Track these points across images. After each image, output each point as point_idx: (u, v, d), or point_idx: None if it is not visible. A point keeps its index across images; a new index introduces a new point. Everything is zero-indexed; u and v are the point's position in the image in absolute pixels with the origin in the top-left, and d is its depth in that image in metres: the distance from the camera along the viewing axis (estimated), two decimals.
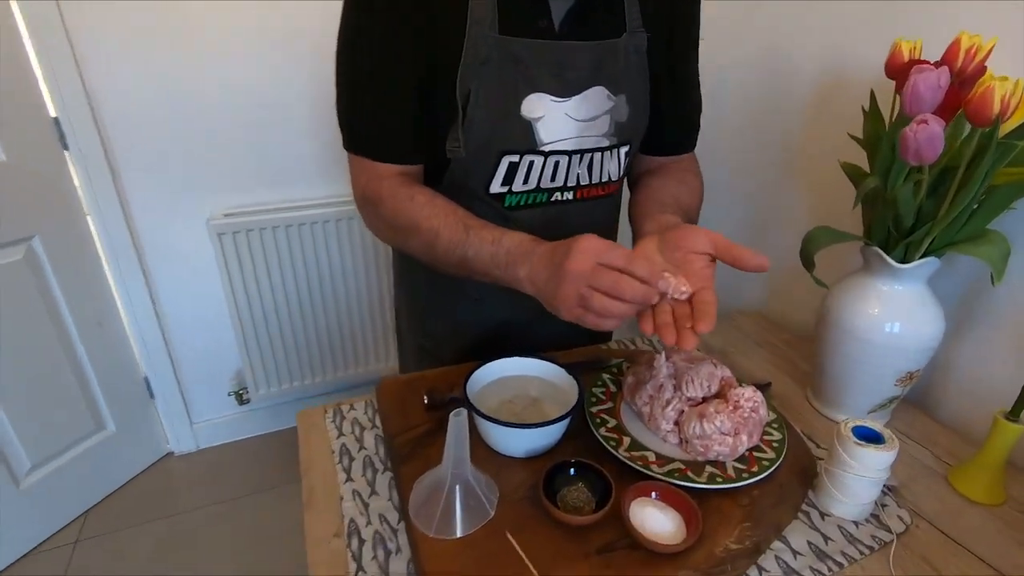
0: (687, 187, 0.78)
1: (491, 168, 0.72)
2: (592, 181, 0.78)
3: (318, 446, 0.73)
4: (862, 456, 0.59)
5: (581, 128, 0.73)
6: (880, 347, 0.70)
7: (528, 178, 0.74)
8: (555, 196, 0.77)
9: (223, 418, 1.84)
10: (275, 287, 1.63)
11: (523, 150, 0.71)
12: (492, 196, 0.75)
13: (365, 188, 0.72)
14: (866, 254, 0.72)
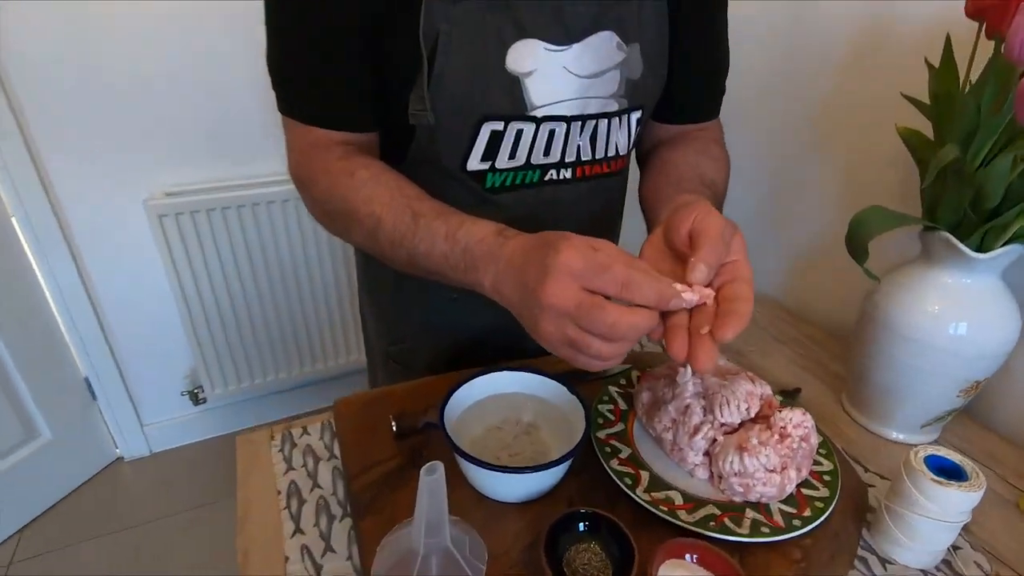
0: (710, 158, 0.63)
1: (467, 139, 0.57)
2: (596, 156, 0.64)
3: (259, 485, 0.59)
4: (941, 497, 0.47)
5: (583, 87, 0.58)
6: (942, 352, 0.58)
7: (515, 152, 0.59)
8: (549, 175, 0.63)
9: (177, 419, 1.68)
10: (228, 276, 1.46)
11: (509, 115, 0.57)
12: (469, 175, 0.60)
13: (297, 161, 0.57)
14: (928, 241, 0.59)
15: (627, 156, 0.68)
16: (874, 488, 0.59)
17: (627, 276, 0.38)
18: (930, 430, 0.64)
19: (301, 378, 1.68)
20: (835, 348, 0.82)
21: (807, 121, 0.90)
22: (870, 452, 0.63)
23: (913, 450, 0.50)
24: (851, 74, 0.83)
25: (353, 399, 0.64)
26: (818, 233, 0.91)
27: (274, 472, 0.61)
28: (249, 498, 0.57)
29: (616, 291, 0.38)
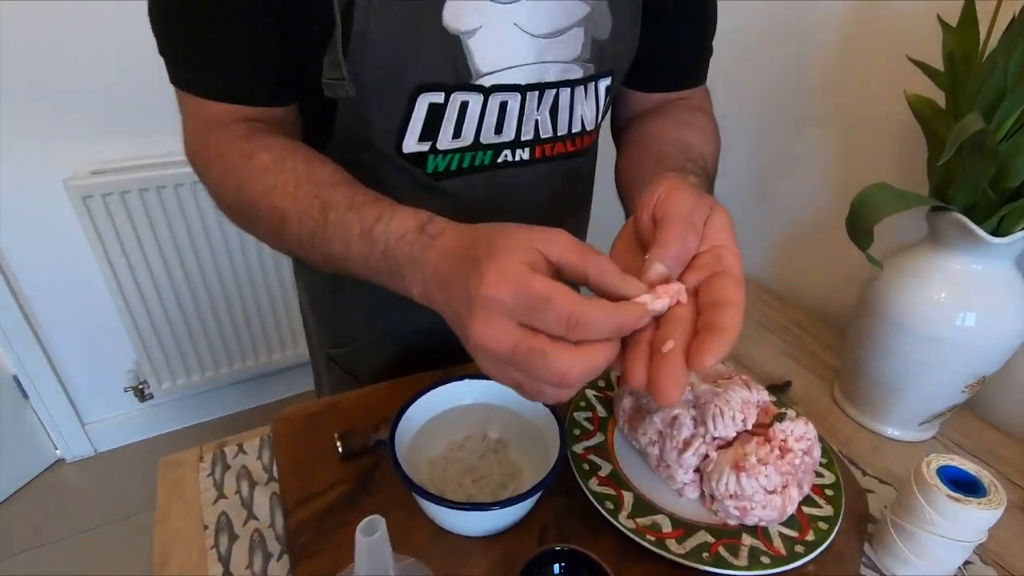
0: (697, 129, 0.54)
1: (401, 114, 0.48)
2: (558, 132, 0.55)
3: (182, 520, 0.51)
4: (957, 515, 0.42)
5: (540, 49, 0.49)
6: (947, 344, 0.53)
7: (460, 129, 0.50)
8: (503, 156, 0.54)
9: (122, 416, 1.56)
10: (169, 262, 1.33)
11: (449, 85, 0.47)
12: (407, 158, 0.51)
13: (191, 144, 0.47)
14: (937, 223, 0.53)
15: (596, 131, 0.60)
16: (873, 494, 0.54)
17: (573, 311, 0.28)
18: (929, 427, 0.60)
19: (256, 369, 1.57)
20: (825, 335, 0.77)
21: (801, 88, 0.82)
22: (867, 452, 0.58)
23: (924, 460, 0.45)
24: (852, 35, 0.75)
25: (293, 415, 0.55)
26: (807, 211, 0.85)
27: (201, 502, 0.52)
28: (169, 537, 0.49)
29: (561, 331, 0.29)
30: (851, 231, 0.54)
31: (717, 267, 0.33)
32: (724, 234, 0.34)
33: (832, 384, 0.67)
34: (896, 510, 0.46)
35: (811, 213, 0.84)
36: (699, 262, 0.33)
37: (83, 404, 1.51)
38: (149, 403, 1.55)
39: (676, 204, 0.34)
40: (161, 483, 0.54)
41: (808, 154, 0.83)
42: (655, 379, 0.29)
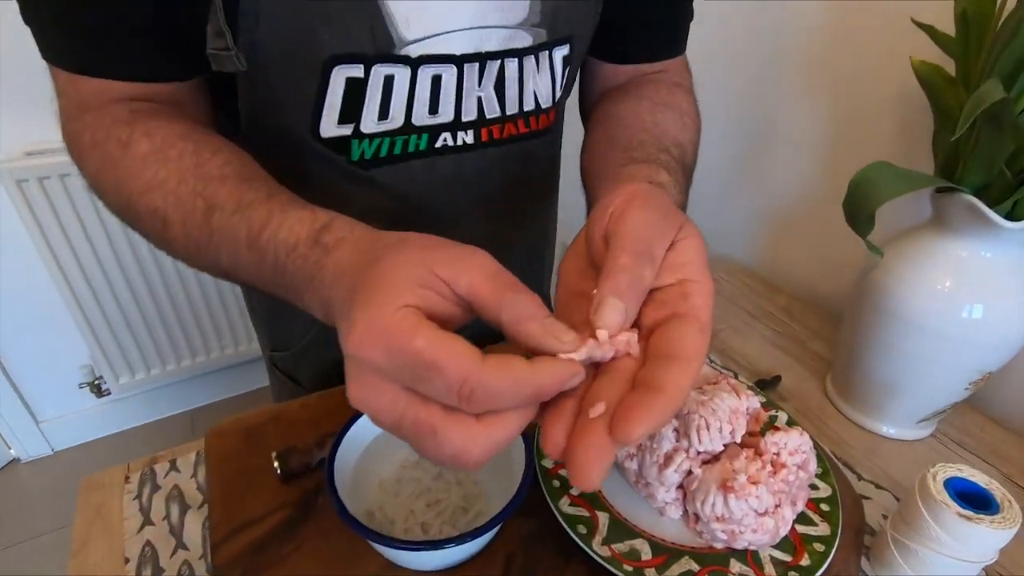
0: (674, 111, 0.47)
1: (314, 91, 0.41)
2: (507, 111, 0.48)
3: (100, 554, 0.45)
4: (968, 534, 0.38)
5: (479, 11, 0.42)
6: (951, 339, 0.48)
7: (387, 109, 0.43)
8: (441, 140, 0.47)
9: (79, 413, 1.48)
10: (119, 251, 1.24)
11: (369, 55, 0.40)
12: (327, 144, 0.44)
13: (66, 129, 0.39)
14: (943, 205, 0.48)
15: (556, 109, 0.52)
16: (869, 501, 0.49)
17: (467, 379, 0.21)
18: (927, 425, 0.56)
19: (221, 361, 1.50)
20: (815, 323, 0.72)
21: (787, 54, 0.76)
22: (861, 454, 0.54)
23: (930, 472, 0.40)
24: None
25: (227, 428, 0.49)
26: (794, 191, 0.80)
27: (124, 531, 0.46)
28: (84, 573, 0.43)
29: (453, 402, 0.22)
30: (849, 216, 0.49)
31: (681, 307, 0.25)
32: (694, 266, 0.27)
33: (824, 378, 0.63)
34: (897, 525, 0.42)
35: (798, 193, 0.79)
36: (661, 297, 0.26)
37: (36, 401, 1.43)
38: (108, 399, 1.47)
39: (632, 223, 0.26)
40: (80, 509, 0.48)
41: (795, 129, 0.77)
42: (572, 452, 0.22)
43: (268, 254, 0.30)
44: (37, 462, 1.49)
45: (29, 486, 1.44)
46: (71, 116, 0.38)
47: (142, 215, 0.35)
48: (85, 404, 1.47)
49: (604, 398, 0.23)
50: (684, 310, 0.25)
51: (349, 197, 0.48)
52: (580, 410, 0.23)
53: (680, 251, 0.27)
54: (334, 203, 0.50)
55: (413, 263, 0.24)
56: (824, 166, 0.75)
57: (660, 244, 0.26)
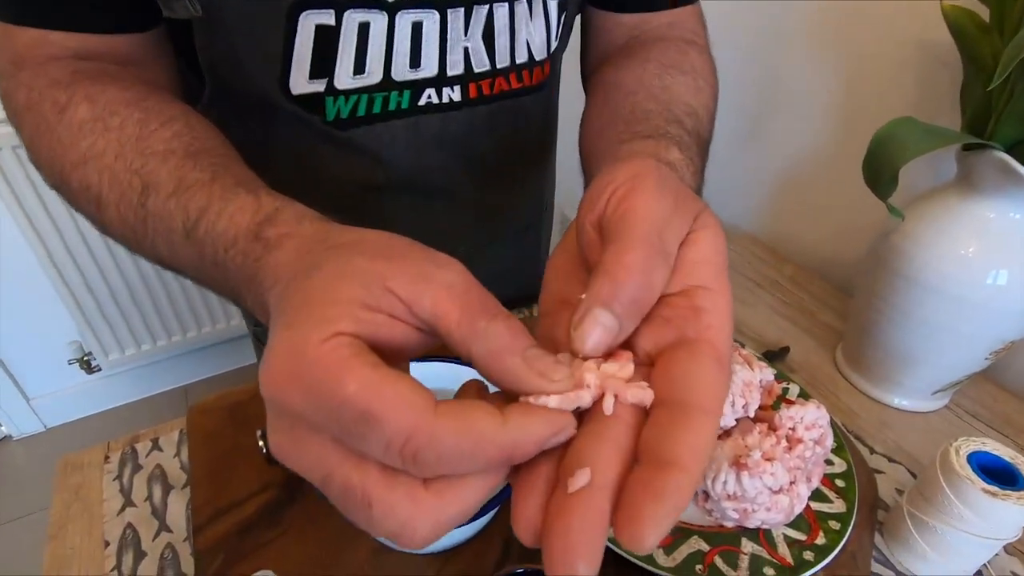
0: (686, 74, 0.41)
1: (281, 42, 0.37)
2: (497, 64, 0.44)
3: (78, 536, 0.42)
4: (992, 511, 0.36)
5: None
6: (974, 306, 0.46)
7: (363, 61, 0.39)
8: (426, 97, 0.43)
9: (69, 390, 1.46)
10: None
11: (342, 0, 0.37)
12: (299, 102, 0.40)
13: (2, 87, 0.35)
14: (970, 164, 0.45)
15: (551, 61, 0.48)
16: (882, 475, 0.48)
17: (412, 436, 0.15)
18: (942, 396, 0.53)
19: (213, 336, 1.47)
20: (823, 292, 0.70)
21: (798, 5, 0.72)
22: (874, 427, 0.52)
23: (952, 446, 0.38)
24: None
25: (211, 405, 0.47)
26: (803, 153, 0.76)
27: (104, 513, 0.44)
28: (63, 557, 0.41)
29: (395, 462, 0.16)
30: (870, 176, 0.46)
31: (690, 328, 0.19)
32: (709, 268, 0.20)
33: (834, 349, 0.60)
34: (915, 501, 0.40)
35: (807, 156, 0.76)
36: (665, 311, 0.20)
37: (25, 378, 1.40)
38: (98, 376, 1.44)
39: (639, 209, 0.20)
40: (57, 491, 0.46)
41: (804, 87, 0.73)
42: (548, 537, 0.16)
43: (207, 247, 0.26)
44: (29, 439, 1.47)
45: (22, 463, 1.43)
46: (4, 72, 0.34)
47: (76, 191, 0.31)
48: (75, 381, 1.45)
49: (590, 462, 0.17)
50: (695, 333, 0.19)
51: (326, 163, 0.44)
52: (558, 477, 0.17)
53: (694, 247, 0.21)
54: (309, 171, 0.46)
55: (361, 276, 0.18)
56: (835, 126, 0.71)
57: (674, 238, 0.20)
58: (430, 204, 0.50)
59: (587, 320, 0.19)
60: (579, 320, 0.19)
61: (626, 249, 0.19)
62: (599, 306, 0.19)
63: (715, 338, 0.19)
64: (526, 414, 0.17)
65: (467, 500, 0.17)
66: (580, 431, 0.18)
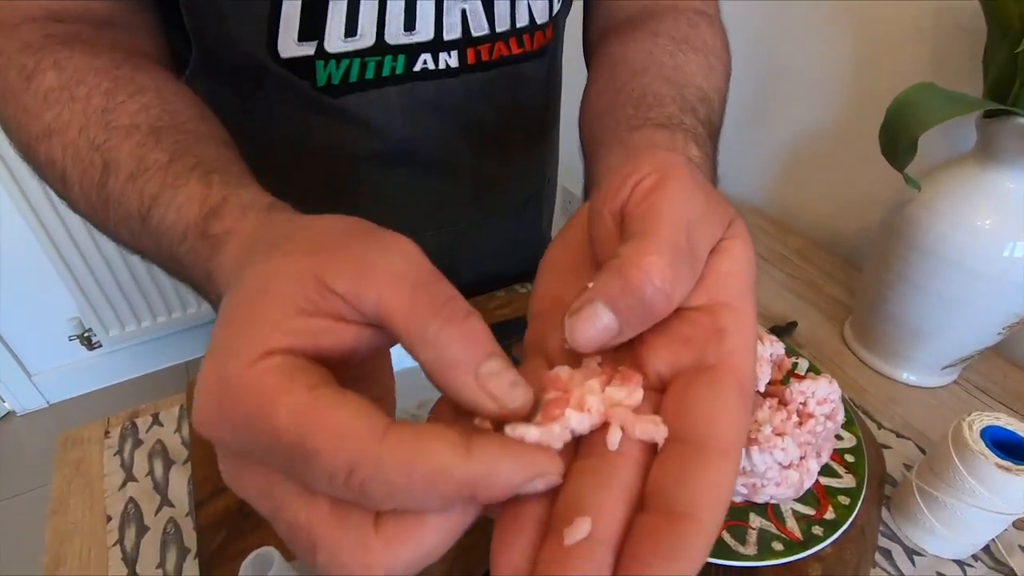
0: (697, 51, 0.38)
1: (266, 1, 0.35)
2: (497, 28, 0.42)
3: (80, 512, 0.42)
4: (1005, 486, 0.35)
5: None
6: (989, 279, 0.45)
7: (355, 23, 0.38)
8: (421, 63, 0.41)
9: (71, 366, 1.46)
10: None
11: None
12: (288, 66, 0.38)
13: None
14: (991, 132, 0.43)
15: (553, 25, 0.46)
16: (890, 450, 0.47)
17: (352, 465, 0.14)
18: (951, 371, 0.53)
19: (212, 312, 1.46)
20: (830, 266, 0.69)
21: None
22: (882, 402, 0.52)
23: (965, 420, 0.38)
24: None
25: None
26: (812, 125, 0.74)
27: (104, 488, 0.44)
28: (64, 532, 0.41)
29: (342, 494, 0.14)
30: (886, 145, 0.44)
31: (712, 352, 0.17)
32: (737, 283, 0.18)
33: (842, 324, 0.60)
34: (924, 475, 0.40)
35: (817, 127, 0.74)
36: (683, 328, 0.17)
37: (26, 355, 1.40)
38: (99, 351, 1.44)
39: (669, 205, 0.18)
40: (57, 467, 0.45)
41: (813, 55, 0.71)
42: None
43: (162, 239, 0.24)
44: (33, 415, 1.47)
45: (25, 439, 1.43)
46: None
47: (42, 165, 0.29)
48: (77, 357, 1.45)
49: (591, 508, 0.15)
50: (716, 358, 0.17)
51: (317, 133, 0.43)
52: (550, 522, 0.15)
53: (725, 257, 0.18)
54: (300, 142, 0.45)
55: (294, 276, 0.16)
56: (846, 96, 0.69)
57: (704, 243, 0.18)
58: (427, 176, 0.48)
59: (585, 312, 0.16)
60: (577, 308, 0.17)
61: (648, 248, 0.16)
62: (603, 301, 0.16)
63: (739, 366, 0.17)
64: (496, 450, 0.14)
65: (425, 545, 0.15)
66: (578, 465, 0.16)
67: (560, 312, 0.19)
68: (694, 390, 0.16)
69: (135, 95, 0.29)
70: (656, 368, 0.17)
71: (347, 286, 0.16)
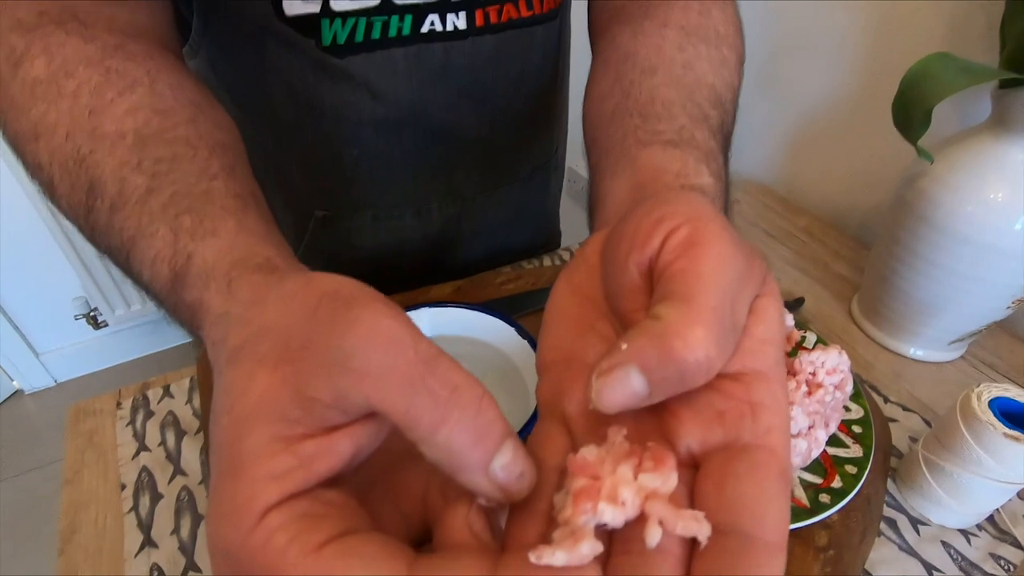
0: (711, 43, 0.35)
1: None
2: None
3: (94, 480, 0.43)
4: (1012, 456, 0.36)
5: None
6: (1000, 253, 0.45)
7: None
8: (428, 24, 0.41)
9: (77, 345, 1.47)
10: None
11: None
12: (293, 25, 0.38)
13: None
14: (1007, 102, 0.43)
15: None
16: (896, 423, 0.47)
17: None
18: (958, 346, 0.53)
19: None
20: (837, 243, 0.68)
21: None
22: (888, 377, 0.52)
23: (973, 391, 0.38)
24: None
25: None
26: (822, 99, 0.73)
27: (118, 458, 0.44)
28: (79, 500, 0.41)
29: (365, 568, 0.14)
30: (900, 117, 0.44)
31: (747, 430, 0.16)
32: (770, 350, 0.17)
33: (849, 300, 0.60)
34: (931, 446, 0.40)
35: (825, 102, 0.73)
36: (715, 403, 0.16)
37: (33, 334, 1.41)
38: (106, 331, 1.45)
39: (710, 267, 0.16)
40: (70, 437, 0.46)
41: (822, 26, 0.70)
42: None
43: (149, 289, 0.24)
44: (41, 393, 1.49)
45: (34, 416, 1.45)
46: None
47: (30, 167, 0.28)
48: (83, 336, 1.46)
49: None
50: (753, 437, 0.16)
51: (321, 96, 0.42)
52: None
53: (758, 320, 0.17)
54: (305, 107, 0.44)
55: (270, 403, 0.15)
56: (856, 70, 0.68)
57: (744, 309, 0.17)
58: (433, 144, 0.48)
59: (616, 375, 0.15)
60: (607, 370, 0.15)
61: (694, 318, 0.15)
62: (637, 367, 0.15)
63: (777, 447, 0.15)
64: None
65: None
66: (616, 563, 0.15)
67: (574, 368, 0.18)
68: (733, 475, 0.15)
69: (125, 92, 0.27)
70: (685, 443, 0.16)
71: (328, 393, 0.15)
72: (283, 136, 0.46)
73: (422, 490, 0.17)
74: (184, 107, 0.28)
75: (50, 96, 0.27)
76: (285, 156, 0.48)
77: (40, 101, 0.27)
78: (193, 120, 0.28)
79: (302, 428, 0.15)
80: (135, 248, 0.23)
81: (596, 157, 0.31)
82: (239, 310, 0.19)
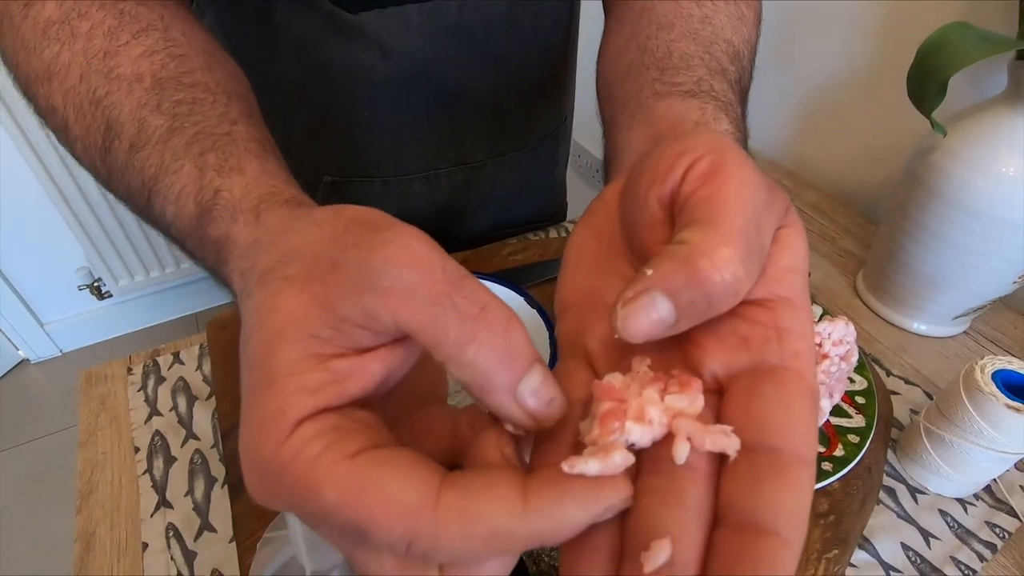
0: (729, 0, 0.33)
1: None
2: None
3: (109, 443, 0.43)
4: (1014, 427, 0.36)
5: None
6: (1011, 227, 0.45)
7: None
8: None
9: (83, 316, 1.48)
10: None
11: None
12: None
13: None
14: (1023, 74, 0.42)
15: None
16: (898, 396, 0.48)
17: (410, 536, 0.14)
18: (962, 321, 0.53)
19: None
20: (844, 220, 0.68)
21: None
22: (891, 351, 0.52)
23: (977, 364, 0.38)
24: None
25: (230, 318, 0.47)
26: (833, 74, 0.72)
27: (130, 421, 0.45)
28: (94, 463, 0.42)
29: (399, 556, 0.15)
30: (915, 88, 0.43)
31: (773, 353, 0.16)
32: (795, 278, 0.17)
33: (855, 275, 0.60)
34: (933, 418, 0.40)
35: (835, 76, 0.72)
36: (740, 329, 0.16)
37: (38, 304, 1.41)
38: (110, 301, 1.46)
39: (735, 193, 0.16)
40: (83, 401, 0.46)
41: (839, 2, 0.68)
42: None
43: (170, 229, 0.23)
44: (47, 363, 1.50)
45: (40, 385, 1.47)
46: None
47: (43, 110, 0.27)
48: (88, 307, 1.46)
49: (666, 532, 0.14)
50: (779, 360, 0.15)
51: (332, 54, 0.42)
52: (622, 546, 0.14)
53: (782, 249, 0.17)
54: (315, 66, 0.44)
55: (300, 313, 0.15)
56: (867, 44, 0.67)
57: (770, 234, 0.16)
58: (444, 107, 0.48)
59: (642, 301, 0.15)
60: (632, 297, 0.15)
61: (720, 238, 0.15)
62: (662, 291, 0.15)
63: (804, 370, 0.15)
64: (556, 495, 0.13)
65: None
66: (645, 483, 0.15)
67: (595, 307, 0.18)
68: (761, 396, 0.15)
69: (139, 35, 0.27)
70: (711, 368, 0.16)
71: (360, 313, 0.15)
72: (291, 100, 0.46)
73: (446, 429, 0.17)
74: (198, 54, 0.28)
75: (63, 37, 0.26)
76: (293, 120, 0.47)
77: (53, 42, 0.26)
78: (209, 67, 0.27)
79: (333, 347, 0.15)
80: (158, 185, 0.23)
81: (611, 111, 0.30)
82: (268, 237, 0.19)
